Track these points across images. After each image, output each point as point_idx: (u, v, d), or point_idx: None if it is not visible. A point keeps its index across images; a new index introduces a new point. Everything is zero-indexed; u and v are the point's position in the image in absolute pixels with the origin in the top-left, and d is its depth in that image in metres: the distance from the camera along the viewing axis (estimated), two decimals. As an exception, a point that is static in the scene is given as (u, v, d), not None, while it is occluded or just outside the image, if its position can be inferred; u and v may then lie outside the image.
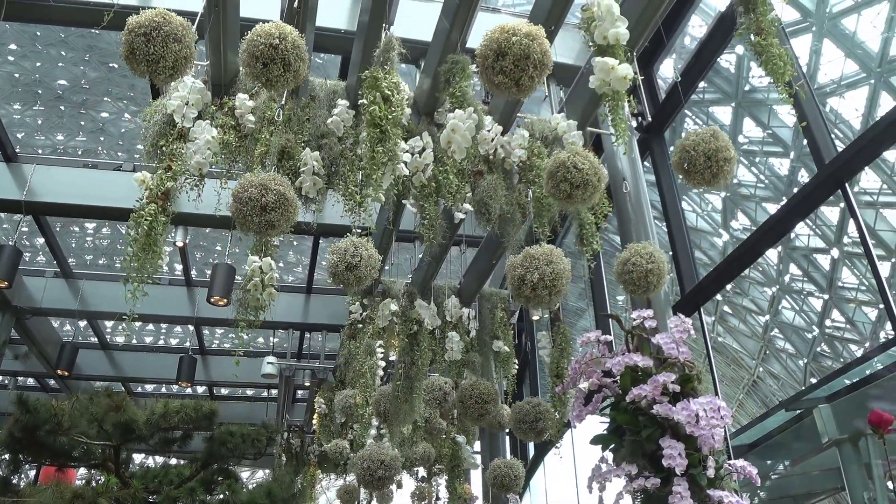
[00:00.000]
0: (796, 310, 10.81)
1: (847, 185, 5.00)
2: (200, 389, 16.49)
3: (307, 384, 11.93)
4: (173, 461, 6.62)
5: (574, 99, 5.59)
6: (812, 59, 7.33)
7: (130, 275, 3.66)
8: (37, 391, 15.74)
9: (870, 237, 5.31)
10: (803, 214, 5.92)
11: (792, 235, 9.46)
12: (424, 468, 8.64)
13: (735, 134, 8.81)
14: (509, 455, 11.34)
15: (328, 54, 8.37)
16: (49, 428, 5.12)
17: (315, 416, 10.45)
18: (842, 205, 7.98)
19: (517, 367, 6.94)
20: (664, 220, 6.89)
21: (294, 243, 12.77)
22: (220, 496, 5.91)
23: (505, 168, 5.03)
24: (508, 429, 5.87)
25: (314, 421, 10.55)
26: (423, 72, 5.35)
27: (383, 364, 7.12)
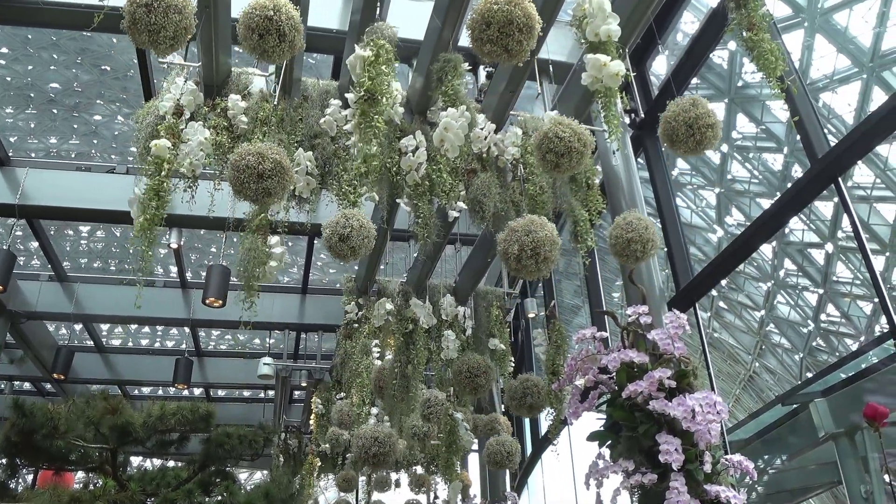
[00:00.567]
0: (791, 304, 10.84)
1: (840, 180, 5.01)
2: (197, 391, 16.48)
3: (304, 385, 11.93)
4: (171, 463, 6.61)
5: (567, 96, 5.59)
6: (804, 55, 7.35)
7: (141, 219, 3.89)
8: (33, 395, 15.70)
9: (863, 231, 5.33)
10: (797, 209, 5.93)
11: (786, 230, 9.49)
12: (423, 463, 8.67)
13: (728, 130, 8.83)
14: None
15: (320, 54, 8.35)
16: (46, 432, 5.10)
17: (312, 417, 10.45)
18: (835, 199, 8.01)
19: (513, 365, 6.95)
20: (658, 217, 6.91)
21: (289, 244, 12.75)
22: (218, 498, 5.90)
23: (498, 166, 5.04)
24: (504, 406, 5.92)
25: (311, 421, 10.55)
26: (416, 70, 5.35)
27: (379, 363, 7.12)
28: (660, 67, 7.73)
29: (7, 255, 8.46)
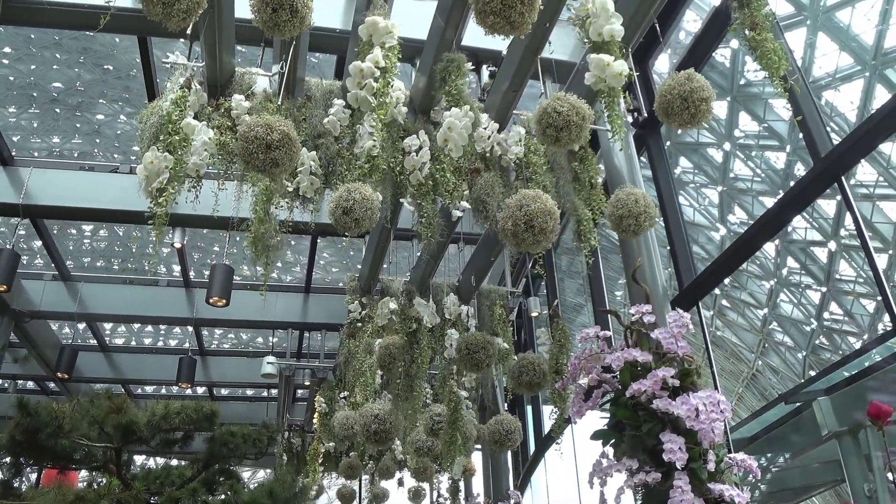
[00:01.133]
0: (794, 303, 10.83)
1: (843, 178, 5.01)
2: (200, 390, 16.49)
3: (307, 383, 11.93)
4: (175, 462, 6.62)
5: (570, 96, 5.59)
6: (807, 53, 7.34)
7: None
8: (37, 394, 15.72)
9: (866, 230, 5.33)
10: (800, 208, 5.92)
11: (789, 229, 9.47)
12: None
13: (731, 128, 8.82)
14: (511, 463, 11.41)
15: (324, 54, 8.36)
16: (50, 431, 5.11)
17: (315, 416, 10.46)
18: (838, 198, 7.99)
19: (516, 364, 6.95)
20: (661, 216, 6.91)
21: (292, 243, 12.75)
22: (222, 496, 5.91)
23: (502, 165, 5.04)
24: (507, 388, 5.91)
25: (315, 420, 10.56)
26: (419, 70, 5.35)
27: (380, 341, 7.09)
28: (662, 66, 7.73)
29: (11, 255, 8.49)
